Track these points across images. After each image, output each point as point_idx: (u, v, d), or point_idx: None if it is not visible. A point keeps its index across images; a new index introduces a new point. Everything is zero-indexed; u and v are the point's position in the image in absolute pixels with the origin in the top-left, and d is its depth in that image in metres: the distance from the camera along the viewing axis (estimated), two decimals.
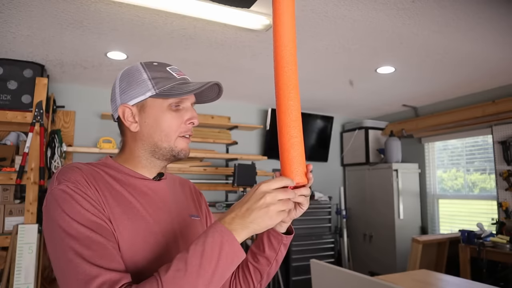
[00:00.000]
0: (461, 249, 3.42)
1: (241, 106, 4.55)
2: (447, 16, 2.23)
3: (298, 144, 0.81)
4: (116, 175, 0.85)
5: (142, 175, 0.89)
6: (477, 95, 3.92)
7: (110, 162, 0.88)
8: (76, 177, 0.76)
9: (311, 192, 0.83)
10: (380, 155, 4.81)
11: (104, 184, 0.80)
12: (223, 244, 0.68)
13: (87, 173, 0.79)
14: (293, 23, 0.83)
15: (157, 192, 0.89)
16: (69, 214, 0.70)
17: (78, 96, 3.75)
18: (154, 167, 0.90)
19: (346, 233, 4.63)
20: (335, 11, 2.18)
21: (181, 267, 0.65)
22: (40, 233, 2.77)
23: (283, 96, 0.80)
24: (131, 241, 0.77)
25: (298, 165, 0.79)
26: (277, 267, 0.96)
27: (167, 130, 0.86)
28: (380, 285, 1.62)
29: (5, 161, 2.96)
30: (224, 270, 0.68)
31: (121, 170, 0.86)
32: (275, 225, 0.72)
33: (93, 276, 0.65)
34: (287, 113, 0.80)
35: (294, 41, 0.83)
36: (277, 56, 0.82)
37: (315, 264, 2.00)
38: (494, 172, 3.71)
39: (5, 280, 2.62)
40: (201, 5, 2.08)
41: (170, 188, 0.94)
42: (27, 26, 2.38)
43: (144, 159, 0.89)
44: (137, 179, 0.87)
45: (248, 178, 3.80)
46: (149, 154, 0.88)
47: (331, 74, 3.39)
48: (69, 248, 0.67)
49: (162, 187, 0.91)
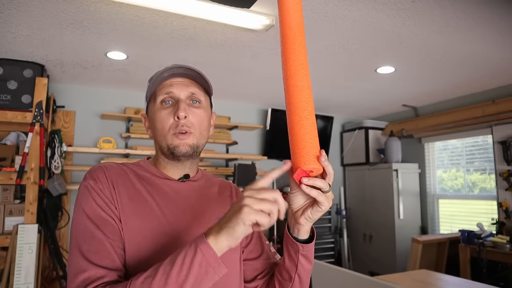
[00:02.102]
0: (461, 249, 3.42)
1: (241, 106, 4.55)
2: (447, 16, 2.23)
3: (310, 126, 0.71)
4: (144, 175, 0.88)
5: (166, 176, 0.90)
6: (477, 95, 3.92)
7: (143, 163, 0.92)
8: (98, 175, 0.81)
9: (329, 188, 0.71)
10: (380, 155, 4.81)
11: (124, 183, 0.83)
12: (197, 252, 0.64)
13: (112, 172, 0.83)
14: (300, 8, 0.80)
15: (179, 193, 0.88)
16: (84, 207, 0.78)
17: (78, 96, 3.75)
18: (173, 168, 0.90)
19: (346, 233, 4.63)
20: (335, 11, 2.18)
21: (151, 274, 0.65)
22: (40, 233, 2.77)
23: (292, 76, 0.73)
24: (137, 239, 0.78)
25: (310, 149, 0.69)
26: (302, 285, 0.86)
27: (160, 128, 0.86)
28: (380, 285, 1.62)
29: (5, 161, 2.96)
30: (197, 280, 0.63)
31: (149, 171, 0.90)
32: (250, 230, 0.64)
33: (82, 270, 0.70)
34: (296, 93, 0.72)
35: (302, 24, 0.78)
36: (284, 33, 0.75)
37: (315, 264, 2.00)
38: (494, 172, 3.71)
39: (5, 280, 2.62)
40: (201, 5, 2.09)
41: (199, 190, 0.93)
42: (27, 26, 2.38)
43: (162, 160, 0.91)
44: (161, 179, 0.89)
45: (248, 178, 3.80)
46: (162, 155, 0.90)
47: (331, 74, 3.39)
48: (75, 239, 0.76)
49: (187, 188, 0.90)
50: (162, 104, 0.87)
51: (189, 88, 0.88)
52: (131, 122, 3.87)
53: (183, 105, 0.85)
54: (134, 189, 0.83)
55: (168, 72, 0.86)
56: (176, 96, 0.87)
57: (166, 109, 0.86)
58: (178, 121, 0.85)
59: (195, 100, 0.89)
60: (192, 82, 0.89)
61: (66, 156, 3.56)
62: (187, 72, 0.87)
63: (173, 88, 0.87)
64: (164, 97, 0.86)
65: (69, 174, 3.62)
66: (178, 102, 0.86)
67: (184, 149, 0.85)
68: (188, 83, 0.88)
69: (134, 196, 0.82)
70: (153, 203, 0.83)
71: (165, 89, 0.87)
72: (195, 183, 0.93)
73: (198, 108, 0.89)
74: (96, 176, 0.81)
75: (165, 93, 0.86)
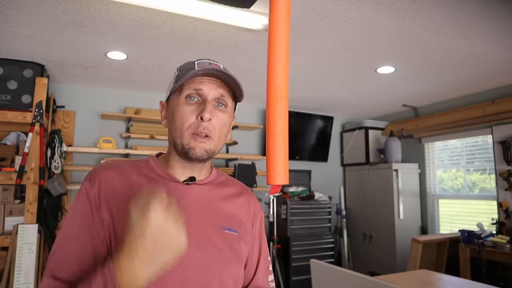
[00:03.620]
0: (461, 249, 3.42)
1: (241, 106, 4.51)
2: (447, 16, 2.23)
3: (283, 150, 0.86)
4: (149, 174, 0.86)
5: (172, 177, 0.85)
6: (477, 95, 3.92)
7: (151, 161, 0.89)
8: (94, 178, 0.82)
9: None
10: (380, 155, 4.81)
11: (122, 187, 0.82)
12: None
13: (108, 174, 0.83)
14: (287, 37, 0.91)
15: (182, 197, 0.83)
16: (72, 210, 0.81)
17: (78, 96, 3.75)
18: (182, 167, 0.86)
19: (346, 233, 4.63)
20: (335, 11, 2.18)
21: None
22: (40, 233, 2.77)
23: (272, 108, 0.87)
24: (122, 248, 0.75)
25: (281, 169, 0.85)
26: None
27: (179, 124, 0.81)
28: (380, 285, 1.62)
29: (5, 161, 2.96)
30: None
31: (155, 170, 0.87)
32: None
33: (45, 275, 0.76)
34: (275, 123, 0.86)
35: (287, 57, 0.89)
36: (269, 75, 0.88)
37: (315, 264, 2.00)
38: (494, 172, 3.71)
39: (5, 280, 2.62)
40: (201, 5, 2.08)
41: (206, 194, 0.88)
42: (27, 26, 2.38)
43: (173, 158, 0.86)
44: (166, 180, 0.85)
45: (248, 178, 3.80)
46: (175, 152, 0.85)
47: (331, 74, 3.39)
48: (55, 240, 0.81)
49: (191, 191, 0.86)
50: (187, 99, 0.82)
51: (219, 90, 0.84)
52: (131, 122, 3.87)
53: (210, 106, 0.81)
54: (131, 192, 0.80)
55: (202, 70, 0.82)
56: (205, 95, 0.82)
57: (190, 105, 0.81)
58: (200, 122, 0.80)
59: (222, 103, 0.84)
60: (223, 84, 0.85)
61: (66, 156, 3.56)
62: (221, 75, 0.84)
63: (203, 86, 0.82)
64: (191, 92, 0.82)
65: (69, 174, 3.62)
66: (205, 102, 0.81)
67: (200, 152, 0.81)
68: (219, 84, 0.84)
69: (126, 201, 0.78)
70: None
71: (194, 85, 0.82)
72: (202, 186, 0.88)
73: (223, 112, 0.85)
74: (92, 178, 0.82)
75: (193, 88, 0.82)
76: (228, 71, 0.84)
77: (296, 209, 4.22)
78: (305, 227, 4.26)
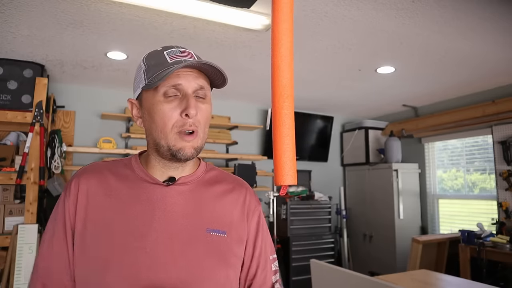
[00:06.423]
0: (461, 249, 3.42)
1: (241, 106, 4.55)
2: (447, 16, 2.23)
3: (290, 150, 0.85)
4: (129, 177, 0.82)
5: (153, 178, 0.81)
6: (477, 95, 3.92)
7: (133, 161, 0.85)
8: (72, 185, 0.81)
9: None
10: (380, 155, 4.81)
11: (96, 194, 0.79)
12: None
13: (86, 180, 0.81)
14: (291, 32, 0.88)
15: (161, 201, 0.79)
16: (50, 220, 0.82)
17: (78, 96, 3.75)
18: (164, 167, 0.81)
19: (346, 233, 4.63)
20: (335, 11, 2.18)
21: None
22: (40, 233, 2.76)
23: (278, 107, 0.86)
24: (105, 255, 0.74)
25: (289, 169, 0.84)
26: None
27: (161, 125, 0.75)
28: (380, 285, 1.62)
29: (5, 161, 2.95)
30: None
31: (135, 172, 0.82)
32: None
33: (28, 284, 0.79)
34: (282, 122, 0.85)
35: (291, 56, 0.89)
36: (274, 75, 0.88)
37: (315, 264, 2.00)
38: (494, 172, 3.71)
39: (5, 280, 2.62)
40: (201, 5, 2.08)
41: (189, 195, 0.82)
42: (27, 26, 2.38)
43: (153, 158, 0.81)
44: (146, 184, 0.81)
45: (248, 178, 3.80)
46: (155, 153, 0.80)
47: (331, 74, 3.39)
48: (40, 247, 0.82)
49: (171, 194, 0.80)
50: (165, 96, 0.75)
51: (197, 81, 0.77)
52: (131, 122, 3.87)
53: (193, 101, 0.75)
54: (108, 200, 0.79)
55: (178, 63, 0.75)
56: (184, 89, 0.76)
57: (170, 102, 0.75)
58: (185, 119, 0.75)
59: (201, 95, 0.78)
60: (199, 73, 0.78)
61: (66, 156, 3.56)
62: (203, 67, 0.77)
63: (180, 79, 0.75)
64: (169, 89, 0.75)
65: (69, 174, 3.62)
66: (186, 97, 0.75)
67: (190, 152, 0.77)
68: (196, 75, 0.78)
69: (101, 210, 0.78)
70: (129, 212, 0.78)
71: (171, 80, 0.75)
72: (184, 187, 0.82)
73: (205, 104, 0.79)
74: (70, 185, 0.81)
75: (171, 84, 0.75)
76: (208, 61, 0.77)
77: (296, 209, 4.22)
78: (305, 227, 4.26)
